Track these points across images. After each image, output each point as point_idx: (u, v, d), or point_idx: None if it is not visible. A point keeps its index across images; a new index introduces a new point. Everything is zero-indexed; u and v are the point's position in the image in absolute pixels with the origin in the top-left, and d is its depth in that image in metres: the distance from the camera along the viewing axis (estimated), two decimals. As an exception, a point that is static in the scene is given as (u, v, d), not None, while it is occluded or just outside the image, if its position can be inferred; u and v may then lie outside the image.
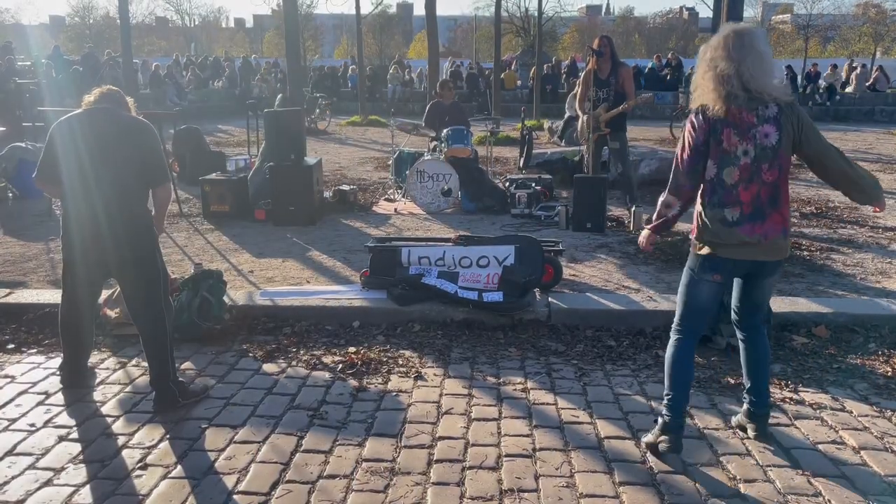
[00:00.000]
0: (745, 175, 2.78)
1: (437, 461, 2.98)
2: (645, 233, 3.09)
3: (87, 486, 2.79)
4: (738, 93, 2.71)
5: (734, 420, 3.29)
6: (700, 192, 2.89)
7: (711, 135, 2.78)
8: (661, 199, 2.95)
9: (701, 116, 2.80)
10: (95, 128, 3.36)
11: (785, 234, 2.88)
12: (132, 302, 3.51)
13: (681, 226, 7.00)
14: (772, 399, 3.52)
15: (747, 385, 3.15)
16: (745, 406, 3.18)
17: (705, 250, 2.88)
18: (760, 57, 2.72)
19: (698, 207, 2.91)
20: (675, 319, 3.06)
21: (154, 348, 3.44)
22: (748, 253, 2.85)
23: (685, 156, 2.84)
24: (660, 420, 3.01)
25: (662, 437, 2.97)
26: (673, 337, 3.05)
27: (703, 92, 2.80)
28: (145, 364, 3.68)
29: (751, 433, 3.14)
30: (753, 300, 3.06)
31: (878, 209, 2.96)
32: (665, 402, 3.00)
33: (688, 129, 2.84)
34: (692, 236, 2.97)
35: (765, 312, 3.16)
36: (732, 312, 3.16)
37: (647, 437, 3.08)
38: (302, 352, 4.16)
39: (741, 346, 3.17)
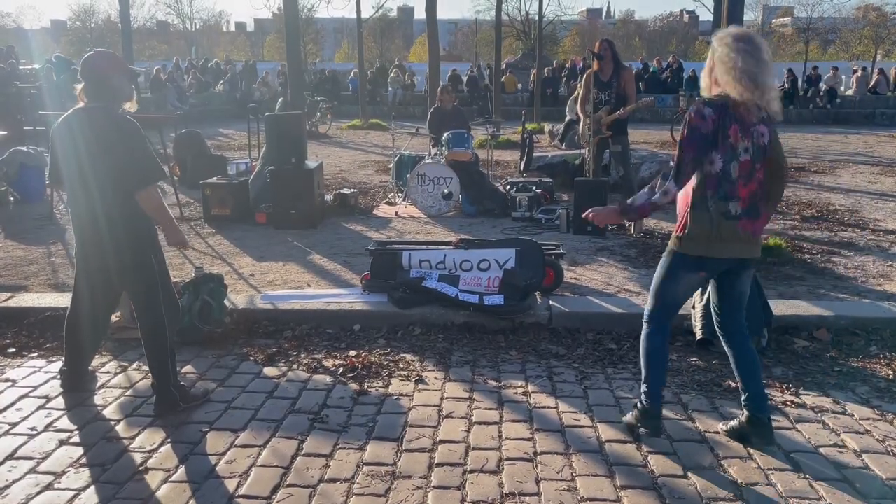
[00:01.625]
0: (744, 171, 2.86)
1: (438, 465, 2.98)
2: (614, 210, 3.06)
3: (88, 490, 2.79)
4: (751, 92, 2.77)
5: (726, 427, 3.23)
6: (697, 185, 2.89)
7: (720, 128, 2.80)
8: (660, 187, 2.93)
9: (711, 108, 2.82)
10: (93, 128, 3.24)
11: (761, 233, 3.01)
12: (133, 305, 3.50)
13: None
14: (773, 402, 3.52)
15: (745, 394, 3.11)
16: (748, 415, 3.12)
17: (693, 247, 2.92)
18: (769, 64, 2.81)
19: (691, 203, 2.91)
20: (647, 312, 3.13)
21: (154, 352, 3.43)
22: (735, 250, 2.91)
23: (693, 145, 2.82)
24: (640, 406, 3.14)
25: (644, 424, 3.14)
26: (645, 329, 3.13)
27: (717, 84, 2.85)
28: (146, 368, 3.68)
29: (756, 441, 3.10)
30: (735, 298, 3.08)
31: None
32: (644, 389, 3.11)
33: (695, 121, 2.82)
34: (678, 233, 2.97)
35: (743, 315, 3.14)
36: (716, 319, 3.18)
37: (628, 418, 3.24)
38: (303, 355, 4.16)
39: (731, 353, 3.15)
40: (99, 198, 3.26)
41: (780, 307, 4.58)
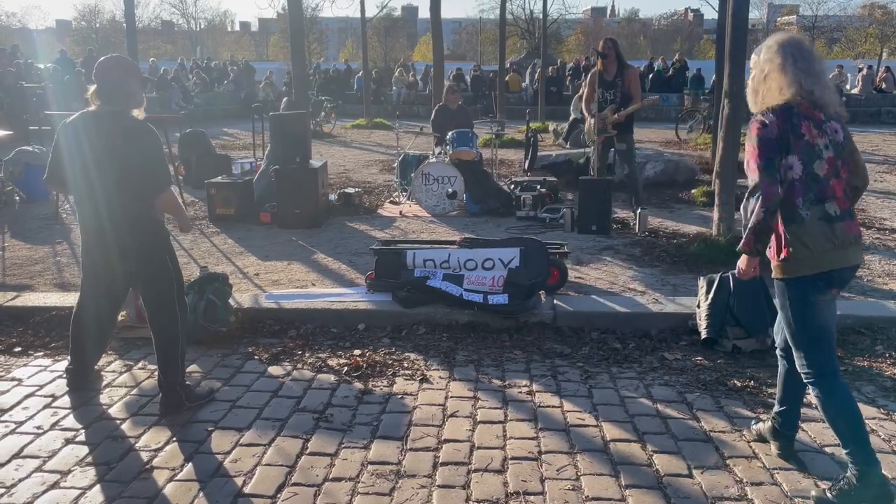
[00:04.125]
0: (831, 170, 2.62)
1: (443, 464, 2.98)
2: (744, 258, 2.74)
3: (94, 489, 2.80)
4: (806, 92, 2.63)
5: (754, 430, 3.19)
6: (783, 200, 2.61)
7: (788, 128, 2.59)
8: (753, 214, 2.61)
9: (772, 114, 2.62)
10: (102, 132, 3.25)
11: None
12: (146, 305, 3.51)
13: (687, 227, 7.00)
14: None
15: (780, 408, 3.02)
16: (771, 425, 3.07)
17: (809, 264, 2.63)
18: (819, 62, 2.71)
19: (782, 220, 2.64)
20: (812, 364, 2.72)
21: (164, 351, 3.44)
22: (852, 256, 2.65)
23: (761, 153, 2.60)
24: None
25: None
26: (823, 385, 2.71)
27: (771, 93, 2.68)
28: (151, 367, 3.68)
29: (774, 451, 3.05)
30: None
31: None
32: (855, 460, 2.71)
33: (758, 130, 2.62)
34: (782, 257, 2.67)
35: None
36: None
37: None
38: (307, 354, 4.17)
39: (784, 368, 2.97)
40: (105, 202, 3.27)
41: (786, 306, 4.56)
